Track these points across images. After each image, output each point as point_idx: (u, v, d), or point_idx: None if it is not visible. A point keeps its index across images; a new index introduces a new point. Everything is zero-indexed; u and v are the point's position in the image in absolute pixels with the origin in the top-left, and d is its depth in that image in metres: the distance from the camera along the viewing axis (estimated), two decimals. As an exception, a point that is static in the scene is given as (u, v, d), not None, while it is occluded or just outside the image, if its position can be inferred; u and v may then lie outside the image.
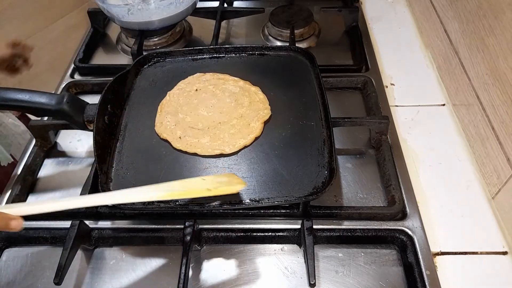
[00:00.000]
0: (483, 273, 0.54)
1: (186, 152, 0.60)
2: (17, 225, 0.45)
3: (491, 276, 0.54)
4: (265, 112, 0.64)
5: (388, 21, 0.94)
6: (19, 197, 0.63)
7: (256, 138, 0.62)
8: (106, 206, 0.59)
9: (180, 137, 0.62)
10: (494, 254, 0.56)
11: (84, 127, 0.62)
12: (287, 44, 0.82)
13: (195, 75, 0.71)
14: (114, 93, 0.66)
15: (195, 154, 0.60)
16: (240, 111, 0.65)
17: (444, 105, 0.75)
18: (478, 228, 0.58)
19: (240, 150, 0.60)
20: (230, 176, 0.54)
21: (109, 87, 0.64)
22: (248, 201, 0.55)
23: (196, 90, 0.68)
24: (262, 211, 0.58)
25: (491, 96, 0.60)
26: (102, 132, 0.60)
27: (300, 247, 0.57)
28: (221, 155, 0.60)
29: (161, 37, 0.89)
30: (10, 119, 0.87)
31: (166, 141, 0.62)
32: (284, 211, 0.58)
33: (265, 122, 0.63)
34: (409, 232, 0.56)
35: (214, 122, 0.64)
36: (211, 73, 0.71)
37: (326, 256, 0.56)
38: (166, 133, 0.62)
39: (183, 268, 0.51)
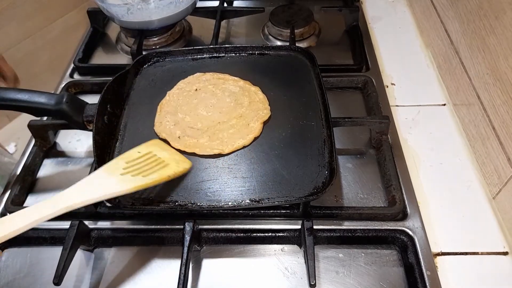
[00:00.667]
0: (484, 273, 0.54)
1: (185, 152, 0.60)
2: None
3: (492, 277, 0.54)
4: (265, 112, 0.64)
5: (389, 21, 0.94)
6: (19, 197, 0.63)
7: (255, 138, 0.61)
8: (106, 206, 0.59)
9: (179, 137, 0.61)
10: (494, 255, 0.56)
11: (83, 127, 0.62)
12: (287, 43, 0.82)
13: (195, 75, 0.71)
14: (114, 93, 0.66)
15: (194, 154, 0.60)
16: (239, 111, 0.64)
17: (444, 105, 0.75)
18: (479, 229, 0.58)
19: (238, 150, 0.60)
20: (172, 154, 0.58)
21: (108, 87, 0.64)
22: (248, 201, 0.55)
23: (196, 90, 0.68)
24: (262, 211, 0.58)
25: (492, 96, 0.60)
26: (101, 132, 0.60)
27: (300, 248, 0.57)
28: (220, 155, 0.60)
29: (160, 37, 0.89)
30: (6, 158, 0.87)
31: (165, 140, 0.62)
32: (284, 211, 0.58)
33: (265, 122, 0.63)
34: (410, 233, 0.56)
35: (214, 122, 0.63)
36: (211, 73, 0.71)
37: (326, 256, 0.56)
38: (165, 132, 0.62)
39: (183, 268, 0.51)
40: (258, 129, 0.62)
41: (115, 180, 0.50)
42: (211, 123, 0.63)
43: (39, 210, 0.45)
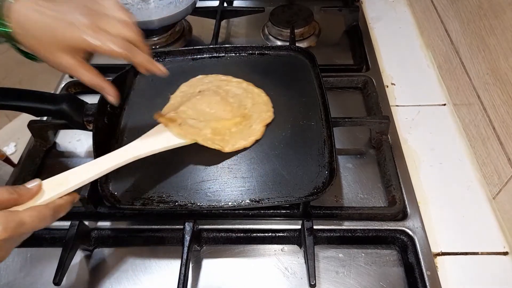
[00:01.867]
0: (484, 273, 0.54)
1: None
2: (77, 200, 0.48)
3: (492, 277, 0.54)
4: (268, 114, 0.63)
5: (389, 21, 0.94)
6: (19, 197, 0.63)
7: (257, 141, 0.61)
8: (106, 206, 0.59)
9: (180, 124, 0.59)
10: (494, 255, 0.56)
11: (83, 127, 0.62)
12: (287, 43, 0.82)
13: (198, 77, 0.70)
14: (114, 93, 0.66)
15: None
16: (243, 112, 0.64)
17: (444, 105, 0.75)
18: (479, 229, 0.58)
19: (238, 151, 0.60)
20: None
21: (108, 87, 0.64)
22: (248, 201, 0.55)
23: (199, 91, 0.67)
24: (262, 212, 0.58)
25: (492, 96, 0.60)
26: (101, 132, 0.60)
27: (300, 248, 0.57)
28: (219, 153, 0.59)
29: (160, 37, 0.89)
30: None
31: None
32: (284, 211, 0.58)
33: (267, 125, 0.63)
34: (410, 233, 0.56)
35: (217, 117, 0.62)
36: (213, 75, 0.70)
37: (326, 256, 0.56)
38: (165, 117, 0.59)
39: (183, 268, 0.51)
40: (260, 132, 0.61)
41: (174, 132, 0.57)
42: (214, 118, 0.62)
43: (110, 159, 0.51)
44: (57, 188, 0.46)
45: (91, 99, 0.64)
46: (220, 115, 0.62)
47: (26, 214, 0.41)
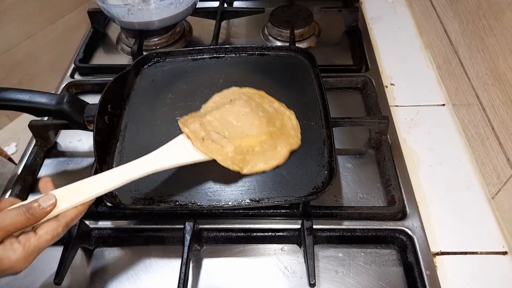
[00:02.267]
0: (483, 273, 0.54)
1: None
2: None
3: (491, 276, 0.54)
4: (295, 140, 0.60)
5: (388, 21, 0.94)
6: (19, 197, 0.63)
7: (277, 167, 0.58)
8: (106, 205, 0.60)
9: (203, 138, 0.55)
10: (493, 254, 0.56)
11: (84, 127, 0.63)
12: (287, 44, 0.82)
13: (232, 88, 0.66)
14: (114, 93, 0.66)
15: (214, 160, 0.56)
16: (270, 130, 0.59)
17: (444, 105, 0.75)
18: (478, 228, 0.58)
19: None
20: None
21: (109, 87, 0.64)
22: (248, 201, 0.55)
23: (231, 100, 0.63)
24: (262, 211, 0.58)
25: (491, 96, 0.60)
26: (102, 132, 0.60)
27: (300, 247, 0.57)
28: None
29: (161, 37, 0.89)
30: (5, 168, 0.85)
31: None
32: (284, 211, 0.58)
33: (292, 151, 0.59)
34: (409, 232, 0.56)
35: (242, 133, 0.58)
36: (247, 88, 0.67)
37: (326, 256, 0.56)
38: (189, 129, 0.56)
39: (183, 268, 0.51)
40: (283, 157, 0.58)
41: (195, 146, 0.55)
42: (240, 134, 0.57)
43: (126, 171, 0.50)
44: (70, 200, 0.45)
45: (92, 99, 0.64)
46: (247, 130, 0.58)
47: (42, 239, 0.42)
